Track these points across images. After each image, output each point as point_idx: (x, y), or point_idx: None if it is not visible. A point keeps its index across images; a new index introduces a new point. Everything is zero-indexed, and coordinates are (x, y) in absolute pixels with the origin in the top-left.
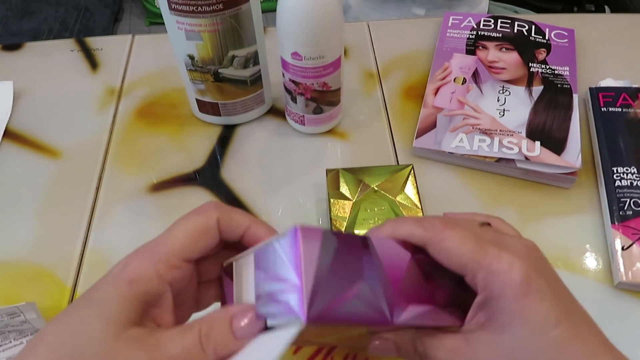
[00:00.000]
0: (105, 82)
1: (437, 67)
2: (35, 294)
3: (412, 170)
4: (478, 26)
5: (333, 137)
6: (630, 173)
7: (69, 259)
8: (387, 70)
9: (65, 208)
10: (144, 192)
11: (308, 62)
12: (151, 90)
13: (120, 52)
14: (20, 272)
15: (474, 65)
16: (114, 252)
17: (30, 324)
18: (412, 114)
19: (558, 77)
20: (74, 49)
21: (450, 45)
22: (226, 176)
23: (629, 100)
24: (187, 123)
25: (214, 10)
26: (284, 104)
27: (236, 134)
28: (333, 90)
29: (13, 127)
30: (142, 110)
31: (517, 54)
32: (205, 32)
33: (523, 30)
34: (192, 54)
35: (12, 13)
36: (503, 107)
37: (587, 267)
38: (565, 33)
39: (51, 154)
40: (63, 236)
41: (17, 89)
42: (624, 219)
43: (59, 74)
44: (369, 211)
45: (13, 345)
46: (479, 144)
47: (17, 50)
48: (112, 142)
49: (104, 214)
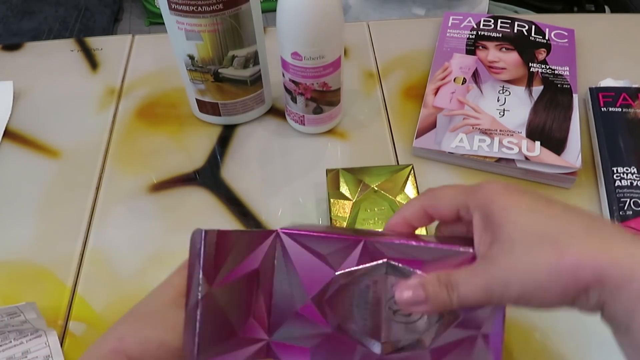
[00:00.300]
0: (105, 82)
1: (437, 67)
2: (35, 294)
3: (412, 170)
4: (478, 26)
5: (333, 137)
6: (630, 173)
7: (69, 259)
8: (387, 70)
9: (65, 208)
10: (144, 192)
11: (308, 62)
12: (151, 90)
13: (120, 52)
14: (20, 272)
15: (474, 65)
16: (114, 252)
17: (30, 324)
18: (412, 114)
19: (558, 77)
20: (74, 49)
21: (450, 45)
22: (226, 176)
23: (629, 100)
24: (187, 123)
25: (214, 10)
26: (284, 104)
27: (236, 134)
28: (333, 90)
29: (13, 127)
30: (142, 110)
31: (517, 54)
32: (205, 32)
33: (523, 30)
34: (192, 54)
35: (12, 13)
36: (503, 107)
37: None
38: (565, 33)
39: (51, 154)
40: (63, 236)
41: (17, 89)
42: (624, 219)
43: (59, 74)
44: (369, 211)
45: (13, 345)
46: (479, 144)
47: (17, 50)
48: (112, 142)
49: (104, 214)
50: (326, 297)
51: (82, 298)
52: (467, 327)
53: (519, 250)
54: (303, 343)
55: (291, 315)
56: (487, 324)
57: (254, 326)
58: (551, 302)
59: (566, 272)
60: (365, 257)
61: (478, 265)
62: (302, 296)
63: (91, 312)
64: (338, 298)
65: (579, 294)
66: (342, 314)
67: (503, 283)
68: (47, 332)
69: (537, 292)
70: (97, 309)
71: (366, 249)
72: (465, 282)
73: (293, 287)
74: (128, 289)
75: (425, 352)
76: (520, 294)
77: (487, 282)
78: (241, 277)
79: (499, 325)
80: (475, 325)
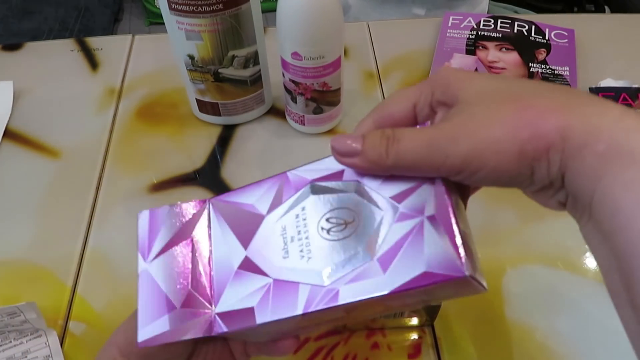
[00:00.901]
0: (105, 82)
1: (437, 67)
2: (35, 294)
3: None
4: (478, 26)
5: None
6: None
7: (69, 259)
8: (387, 70)
9: (65, 208)
10: (144, 192)
11: (308, 62)
12: (151, 90)
13: (120, 52)
14: (20, 272)
15: (474, 65)
16: (114, 252)
17: (30, 324)
18: None
19: (558, 77)
20: (74, 49)
21: (450, 45)
22: (226, 176)
23: (629, 100)
24: (187, 123)
25: (214, 10)
26: (284, 104)
27: (236, 134)
28: (333, 90)
29: (13, 127)
30: (142, 110)
31: (517, 54)
32: (205, 32)
33: (523, 30)
34: (192, 54)
35: (12, 13)
36: None
37: (587, 267)
38: (565, 33)
39: (51, 154)
40: (63, 236)
41: (17, 89)
42: None
43: (59, 74)
44: None
45: (13, 345)
46: None
47: (17, 50)
48: (112, 142)
49: (104, 214)
50: (261, 243)
51: (82, 298)
52: (408, 217)
53: (474, 109)
54: (246, 303)
55: (231, 277)
56: (429, 206)
57: (194, 298)
58: (506, 168)
59: (525, 126)
60: (290, 189)
61: (428, 127)
62: (239, 251)
63: (91, 312)
64: (271, 240)
65: (539, 156)
66: (278, 255)
67: (450, 137)
68: (47, 332)
69: (488, 154)
70: (97, 309)
71: (288, 182)
72: (410, 137)
73: (230, 246)
74: (128, 289)
75: (373, 263)
76: (468, 153)
77: (432, 137)
78: (175, 250)
79: (444, 200)
80: (416, 212)
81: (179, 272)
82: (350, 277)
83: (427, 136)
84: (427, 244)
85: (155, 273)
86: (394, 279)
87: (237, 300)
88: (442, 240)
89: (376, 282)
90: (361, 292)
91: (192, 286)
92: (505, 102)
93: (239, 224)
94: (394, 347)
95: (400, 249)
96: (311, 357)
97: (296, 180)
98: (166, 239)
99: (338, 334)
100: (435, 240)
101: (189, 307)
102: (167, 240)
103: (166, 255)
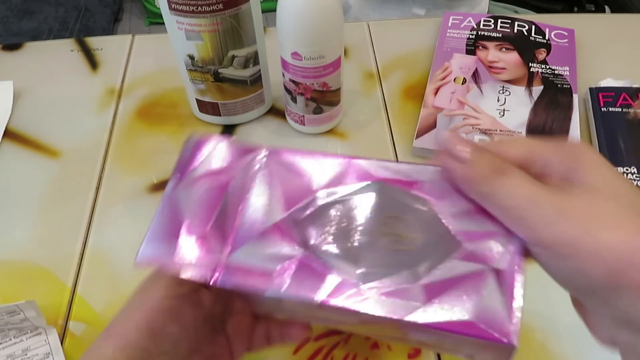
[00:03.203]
0: (105, 82)
1: (437, 67)
2: (35, 293)
3: None
4: (478, 26)
5: (333, 137)
6: (630, 173)
7: (69, 259)
8: (387, 70)
9: (66, 208)
10: (144, 192)
11: (308, 62)
12: (151, 90)
13: (120, 52)
14: (20, 272)
15: (474, 65)
16: (114, 252)
17: (30, 322)
18: (412, 114)
19: (558, 77)
20: (74, 49)
21: (450, 45)
22: None
23: (629, 100)
24: (187, 123)
25: (214, 10)
26: (284, 104)
27: (236, 134)
28: (333, 90)
29: (13, 127)
30: (142, 110)
31: (517, 54)
32: (205, 32)
33: (523, 30)
34: (192, 54)
35: (12, 13)
36: (503, 107)
37: None
38: (565, 33)
39: (51, 154)
40: (63, 236)
41: (17, 89)
42: None
43: (59, 74)
44: None
45: (13, 343)
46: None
47: (17, 50)
48: (112, 142)
49: (104, 214)
50: (305, 215)
51: (82, 298)
52: (474, 259)
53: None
54: (264, 267)
55: (257, 234)
56: (500, 258)
57: (210, 239)
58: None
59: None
60: (354, 176)
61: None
62: (278, 211)
63: (91, 312)
64: (318, 216)
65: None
66: (321, 234)
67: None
68: (46, 329)
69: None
70: (97, 309)
71: (353, 167)
72: (520, 182)
73: (271, 202)
74: (128, 289)
75: (417, 287)
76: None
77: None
78: (210, 184)
79: (518, 260)
80: (483, 259)
81: (205, 207)
82: (387, 290)
83: (539, 194)
84: (484, 296)
85: (181, 199)
86: (434, 312)
87: (256, 260)
88: (501, 299)
89: (412, 306)
90: (391, 310)
91: (213, 226)
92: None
93: (289, 186)
94: (394, 347)
95: (452, 287)
96: (311, 357)
97: (361, 170)
98: (205, 170)
99: (338, 334)
100: (494, 295)
101: (202, 246)
102: (205, 171)
103: (199, 185)
